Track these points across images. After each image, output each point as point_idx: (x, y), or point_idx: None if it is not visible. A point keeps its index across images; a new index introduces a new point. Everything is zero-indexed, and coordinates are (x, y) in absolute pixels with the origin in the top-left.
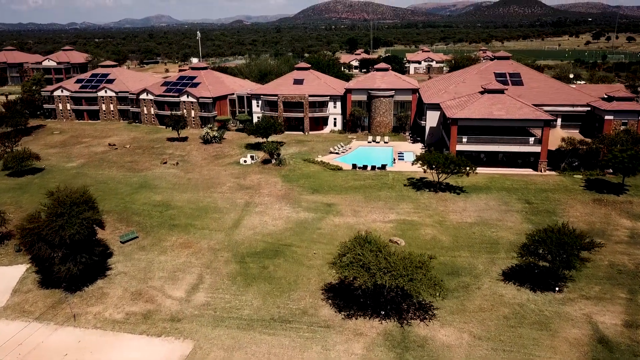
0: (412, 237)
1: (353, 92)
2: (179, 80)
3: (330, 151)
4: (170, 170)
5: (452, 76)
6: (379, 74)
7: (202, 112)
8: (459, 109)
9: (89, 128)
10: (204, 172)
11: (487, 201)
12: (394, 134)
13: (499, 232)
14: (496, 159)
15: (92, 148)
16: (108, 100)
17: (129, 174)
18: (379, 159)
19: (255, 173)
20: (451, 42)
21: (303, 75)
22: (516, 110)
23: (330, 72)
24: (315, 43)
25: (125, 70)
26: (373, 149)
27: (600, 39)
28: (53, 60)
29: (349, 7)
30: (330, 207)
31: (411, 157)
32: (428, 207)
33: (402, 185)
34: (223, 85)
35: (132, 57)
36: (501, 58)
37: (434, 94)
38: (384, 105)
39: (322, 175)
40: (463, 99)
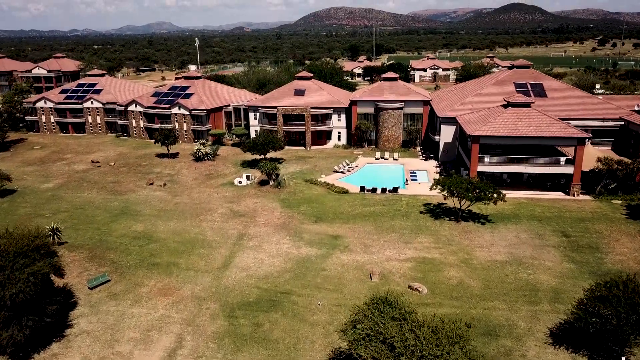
0: (435, 282)
1: (359, 104)
2: (170, 91)
3: (335, 170)
4: (157, 192)
5: (467, 86)
6: (387, 84)
7: (194, 125)
8: (480, 124)
9: (73, 142)
10: (194, 195)
11: (518, 233)
12: (404, 149)
13: (537, 275)
14: (520, 179)
15: (74, 166)
16: (94, 112)
17: (110, 197)
18: (389, 179)
19: (251, 196)
20: (454, 48)
21: (304, 85)
22: (545, 127)
23: (333, 81)
24: (316, 50)
25: (114, 79)
26: (382, 168)
27: (605, 46)
28: (43, 68)
29: (349, 14)
30: (336, 240)
31: (425, 177)
32: (450, 240)
33: (418, 212)
34: (218, 96)
35: (129, 64)
36: (521, 67)
37: (448, 106)
38: (392, 118)
39: (326, 199)
40: (483, 113)
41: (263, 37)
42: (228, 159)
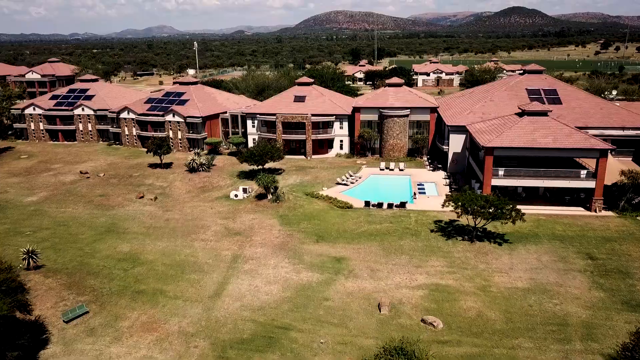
0: (451, 314)
1: (362, 111)
2: (164, 97)
3: (337, 182)
4: (147, 207)
5: (476, 93)
6: (392, 90)
7: (190, 134)
8: (494, 134)
9: (62, 151)
10: (186, 210)
11: (539, 255)
12: (410, 158)
13: (565, 305)
14: (536, 193)
15: (61, 177)
16: (85, 119)
17: (97, 212)
18: (395, 192)
19: (248, 212)
20: (456, 52)
21: (305, 91)
22: (565, 138)
23: (335, 87)
24: (316, 53)
25: (107, 85)
26: (387, 179)
27: (608, 49)
28: (37, 73)
29: (349, 18)
30: (340, 263)
31: (433, 189)
32: (465, 264)
33: (429, 231)
34: (215, 103)
35: (127, 68)
36: (533, 72)
37: (457, 114)
38: (397, 126)
39: (329, 215)
40: (496, 122)
41: (263, 40)
42: (224, 169)
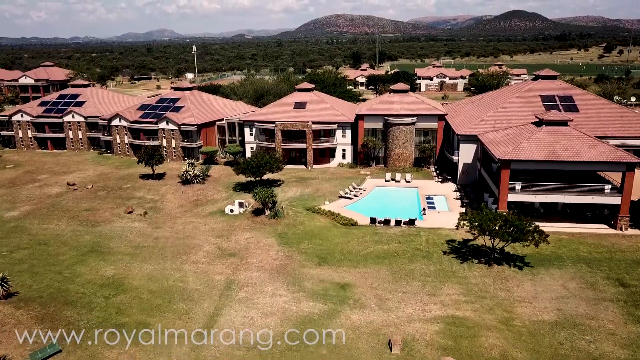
0: (471, 353)
1: (366, 119)
2: (158, 104)
3: (340, 195)
4: (135, 223)
5: (486, 99)
6: (397, 97)
7: (184, 142)
8: (510, 146)
9: (50, 160)
10: (178, 227)
11: (564, 282)
12: (416, 169)
13: (599, 343)
14: (555, 209)
15: (47, 189)
16: (76, 126)
17: (82, 228)
18: (402, 206)
19: (244, 229)
20: (458, 56)
21: (305, 97)
22: (588, 150)
23: (336, 92)
24: (317, 57)
25: (99, 90)
26: (393, 192)
27: (611, 53)
28: (30, 77)
29: (350, 21)
30: (344, 290)
31: (443, 203)
32: (483, 291)
33: (441, 252)
34: (211, 109)
35: (125, 72)
36: (546, 77)
37: (466, 122)
38: (403, 135)
39: (332, 234)
40: (511, 132)
41: (263, 44)
42: (220, 180)
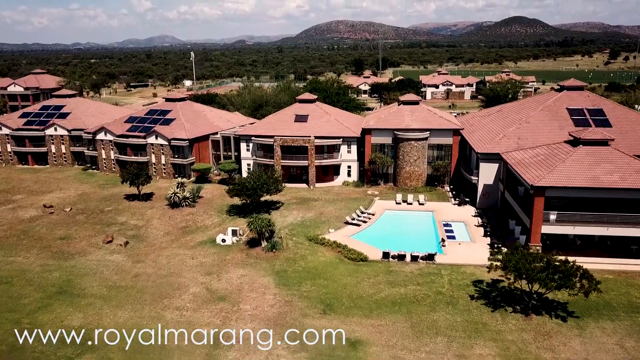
0: None
1: (373, 133)
2: (147, 116)
3: (346, 221)
4: (114, 256)
5: (505, 112)
6: (407, 109)
7: (175, 158)
8: (544, 169)
9: (29, 177)
10: (162, 261)
11: (620, 338)
12: (429, 188)
13: None
14: (591, 240)
15: (20, 212)
16: (58, 140)
17: (53, 262)
18: (417, 235)
19: (237, 264)
20: (461, 62)
21: (307, 109)
22: (635, 174)
23: (340, 102)
24: (318, 64)
25: (86, 101)
26: (405, 216)
27: (617, 59)
28: (20, 85)
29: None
30: (355, 349)
31: (464, 232)
32: (524, 352)
33: (467, 297)
34: (204, 122)
35: (122, 79)
36: (572, 88)
37: (486, 138)
38: (415, 151)
39: (338, 272)
40: (541, 151)
41: (264, 50)
42: (212, 202)
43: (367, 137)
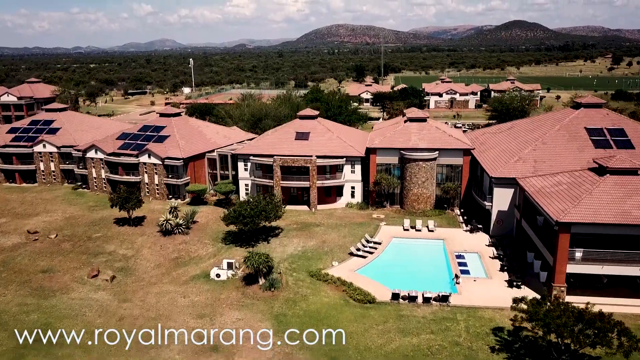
0: None
1: (379, 153)
2: (141, 132)
3: (351, 252)
4: (99, 293)
5: (517, 129)
6: (414, 127)
7: (169, 178)
8: (567, 201)
9: (15, 198)
10: (150, 300)
11: None
12: (438, 211)
13: None
14: (618, 278)
15: (2, 239)
16: (47, 157)
17: (32, 301)
18: (428, 268)
19: (232, 305)
20: (463, 67)
21: (308, 126)
22: None
23: (343, 116)
24: (319, 69)
25: (77, 115)
26: (414, 246)
27: (620, 64)
28: (13, 95)
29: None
30: None
31: (478, 265)
32: None
33: (488, 348)
34: (200, 139)
35: (121, 85)
36: (590, 105)
37: (500, 160)
38: (423, 172)
39: (344, 317)
40: (563, 179)
41: (264, 54)
42: (207, 228)
43: (372, 156)
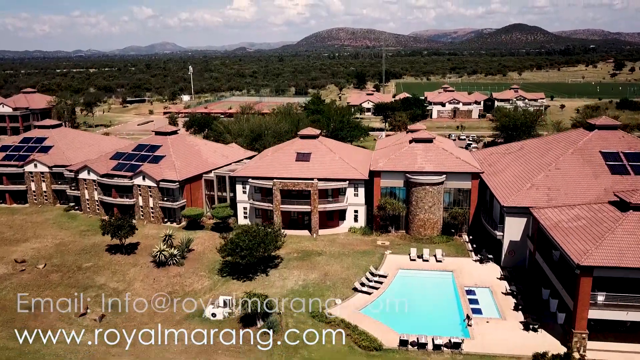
0: None
1: (383, 176)
2: (135, 152)
3: (355, 287)
4: (86, 336)
5: (528, 150)
6: (420, 148)
7: (164, 201)
8: (588, 240)
9: (4, 221)
10: (141, 346)
11: None
12: (446, 238)
13: None
14: None
15: None
16: (39, 177)
17: (14, 345)
18: (437, 307)
19: (228, 352)
20: (464, 73)
21: (310, 146)
22: None
23: (345, 131)
24: (319, 75)
25: (70, 131)
26: (422, 279)
27: (622, 70)
28: (8, 106)
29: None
30: None
31: (490, 302)
32: None
33: None
34: (197, 158)
35: (119, 92)
36: (605, 127)
37: (510, 185)
38: (430, 197)
39: None
40: (582, 213)
41: (265, 58)
42: (204, 257)
43: (376, 179)
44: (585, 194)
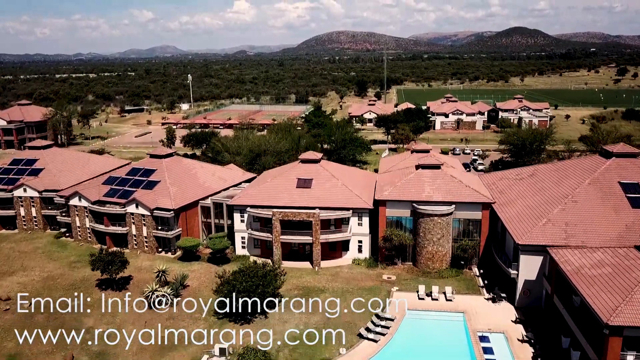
0: None
1: (389, 205)
2: (129, 176)
3: (360, 334)
4: None
5: (540, 178)
6: (427, 175)
7: (158, 231)
8: (616, 294)
9: None
10: None
11: None
12: (455, 271)
13: None
14: None
15: None
16: (28, 202)
17: None
18: (447, 353)
19: None
20: (466, 78)
21: (311, 171)
22: None
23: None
24: (320, 81)
25: (62, 152)
26: (431, 322)
27: (625, 75)
28: (2, 119)
29: (351, 38)
30: None
31: (505, 350)
32: None
33: None
34: (194, 183)
35: (118, 100)
36: (622, 155)
37: (523, 218)
38: (438, 228)
39: None
40: (606, 259)
41: (265, 62)
42: (199, 294)
43: (381, 208)
44: (606, 231)
